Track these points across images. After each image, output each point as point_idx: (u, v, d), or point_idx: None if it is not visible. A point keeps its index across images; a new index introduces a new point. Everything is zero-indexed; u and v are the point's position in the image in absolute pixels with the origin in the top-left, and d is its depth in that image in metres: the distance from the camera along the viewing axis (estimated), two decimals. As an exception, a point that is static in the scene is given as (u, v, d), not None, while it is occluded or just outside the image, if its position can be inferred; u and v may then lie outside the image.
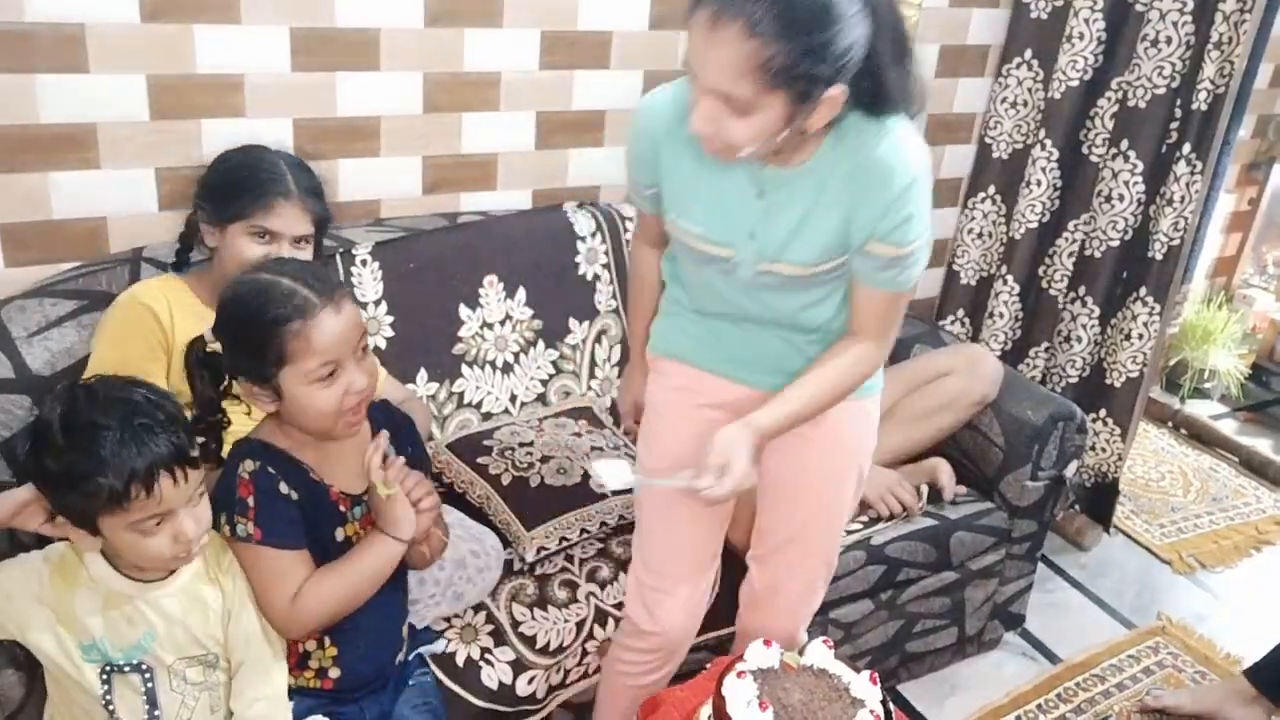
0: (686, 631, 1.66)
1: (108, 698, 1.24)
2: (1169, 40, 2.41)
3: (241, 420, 1.38)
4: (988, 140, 2.69)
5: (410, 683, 1.53)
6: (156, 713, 1.26)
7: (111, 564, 1.23)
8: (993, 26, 2.62)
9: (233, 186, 1.58)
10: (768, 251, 1.38)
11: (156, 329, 1.54)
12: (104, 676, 1.24)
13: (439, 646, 1.62)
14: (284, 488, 1.31)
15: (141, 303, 1.56)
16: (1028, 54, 2.60)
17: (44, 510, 1.20)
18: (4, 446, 1.52)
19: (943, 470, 2.18)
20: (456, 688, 1.62)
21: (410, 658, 1.55)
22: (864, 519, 2.07)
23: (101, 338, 1.58)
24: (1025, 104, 2.64)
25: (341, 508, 1.38)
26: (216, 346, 1.31)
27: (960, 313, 2.88)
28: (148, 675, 1.25)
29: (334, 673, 1.42)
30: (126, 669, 1.24)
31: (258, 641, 1.32)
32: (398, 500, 1.34)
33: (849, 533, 2.00)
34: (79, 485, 1.13)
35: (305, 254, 1.61)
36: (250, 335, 1.26)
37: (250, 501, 1.29)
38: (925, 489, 2.14)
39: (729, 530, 1.70)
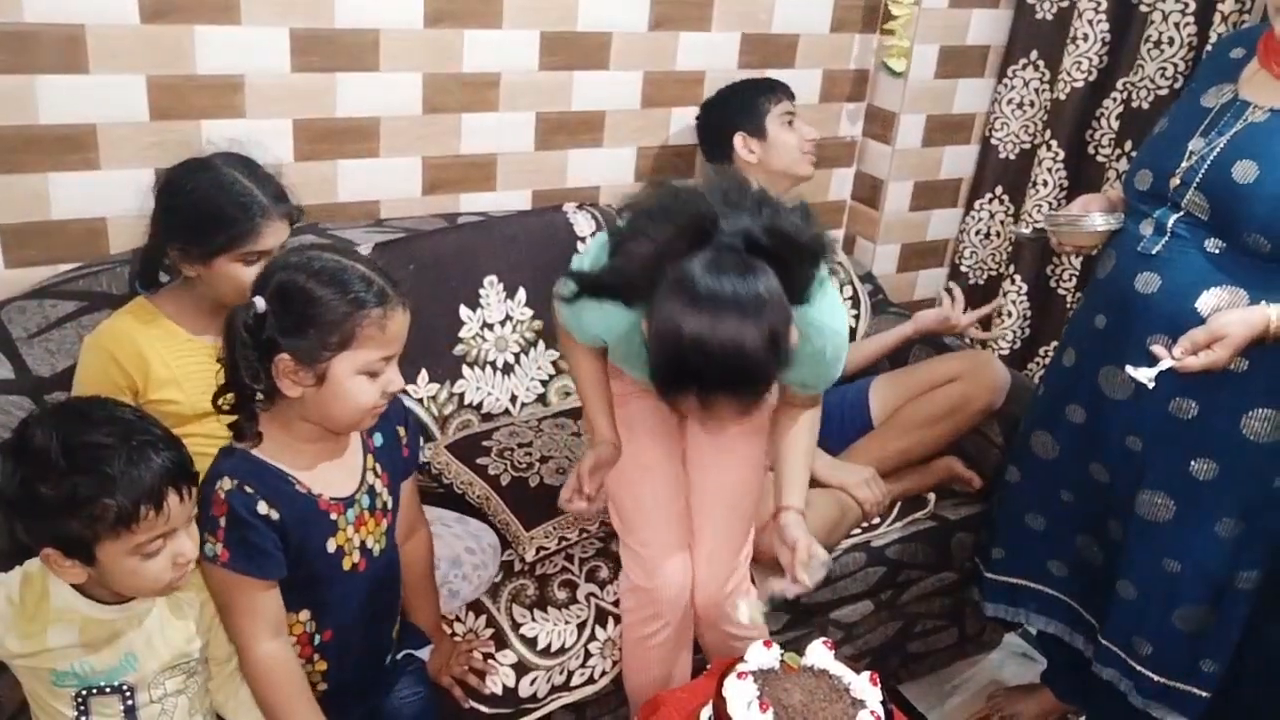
0: (685, 583, 1.71)
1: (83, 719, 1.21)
2: (1171, 41, 2.41)
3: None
4: (994, 141, 2.69)
5: (400, 675, 1.52)
6: None
7: (85, 592, 1.17)
8: (992, 27, 2.62)
9: (210, 221, 1.47)
10: None
11: (117, 374, 1.51)
12: (79, 700, 1.19)
13: (426, 653, 1.60)
14: (263, 507, 1.25)
15: (103, 347, 1.53)
16: (1033, 55, 2.61)
17: None
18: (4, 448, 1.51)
19: (956, 464, 2.17)
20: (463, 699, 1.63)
21: (399, 656, 1.55)
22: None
23: (75, 380, 1.57)
24: (1032, 105, 2.65)
25: (333, 515, 1.34)
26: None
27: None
28: (128, 694, 1.21)
29: (322, 686, 1.41)
30: (107, 690, 1.20)
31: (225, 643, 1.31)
32: None
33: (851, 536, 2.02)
34: (83, 508, 1.08)
35: None
36: (321, 311, 1.21)
37: (221, 521, 1.24)
38: (931, 497, 2.14)
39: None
